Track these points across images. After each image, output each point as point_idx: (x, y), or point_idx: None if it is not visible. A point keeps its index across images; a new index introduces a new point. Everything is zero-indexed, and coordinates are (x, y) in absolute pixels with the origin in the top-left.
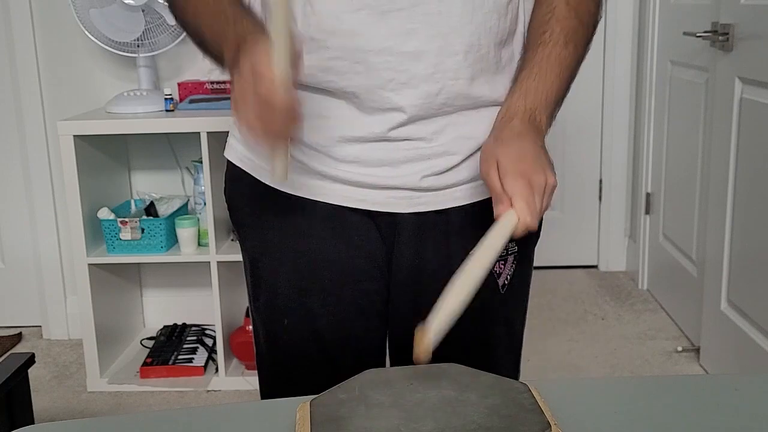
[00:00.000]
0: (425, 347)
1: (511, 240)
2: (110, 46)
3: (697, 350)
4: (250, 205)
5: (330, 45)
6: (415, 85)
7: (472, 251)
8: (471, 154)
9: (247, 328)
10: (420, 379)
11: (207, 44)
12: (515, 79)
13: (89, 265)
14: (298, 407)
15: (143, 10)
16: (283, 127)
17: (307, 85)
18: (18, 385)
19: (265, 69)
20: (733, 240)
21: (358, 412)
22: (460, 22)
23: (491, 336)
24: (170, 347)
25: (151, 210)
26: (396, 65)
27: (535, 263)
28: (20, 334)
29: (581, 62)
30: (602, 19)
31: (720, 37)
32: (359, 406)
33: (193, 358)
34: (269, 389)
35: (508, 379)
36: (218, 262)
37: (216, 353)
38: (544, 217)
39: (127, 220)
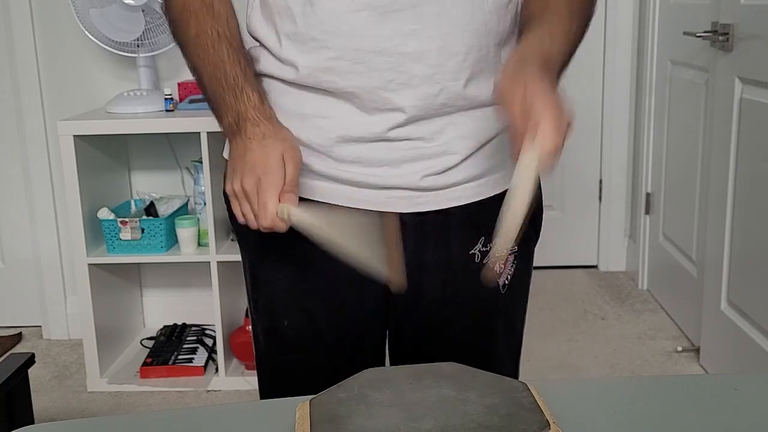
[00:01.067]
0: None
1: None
2: (110, 46)
3: (697, 350)
4: None
5: (330, 45)
6: (415, 85)
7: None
8: (471, 154)
9: (247, 328)
10: (419, 378)
11: (204, 89)
12: (523, 33)
13: (89, 265)
14: (298, 406)
15: (143, 10)
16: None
17: (307, 86)
18: (18, 385)
19: (269, 205)
20: (733, 240)
21: (357, 412)
22: (461, 22)
23: (491, 336)
24: (170, 347)
25: (151, 210)
26: (396, 66)
27: (535, 263)
28: (20, 334)
29: (579, 43)
30: (602, 19)
31: (720, 37)
32: (359, 406)
33: (193, 358)
34: (269, 389)
35: (507, 378)
36: (218, 262)
37: (216, 353)
38: (544, 216)
39: (127, 220)
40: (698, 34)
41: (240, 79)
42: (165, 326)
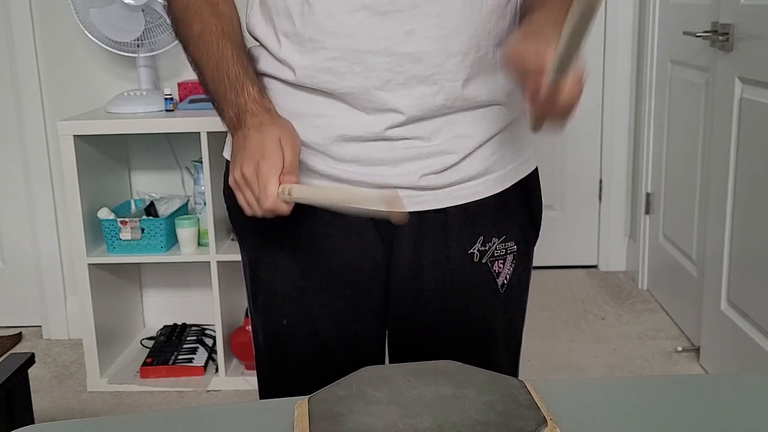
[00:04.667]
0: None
1: (511, 239)
2: (110, 46)
3: (697, 350)
4: None
5: (328, 45)
6: (413, 86)
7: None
8: (469, 153)
9: (247, 328)
10: (417, 376)
11: (206, 86)
12: (523, 22)
13: (89, 265)
14: (296, 404)
15: (143, 10)
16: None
17: (305, 86)
18: (18, 385)
19: (269, 190)
20: (733, 240)
21: (356, 409)
22: (459, 23)
23: (490, 335)
24: (170, 347)
25: (151, 210)
26: (394, 66)
27: (535, 263)
28: (20, 334)
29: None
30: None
31: (720, 37)
32: (357, 403)
33: (193, 358)
34: (268, 389)
35: (504, 375)
36: (218, 262)
37: (216, 353)
38: (543, 216)
39: (127, 220)
40: (698, 34)
41: (241, 76)
42: (165, 326)
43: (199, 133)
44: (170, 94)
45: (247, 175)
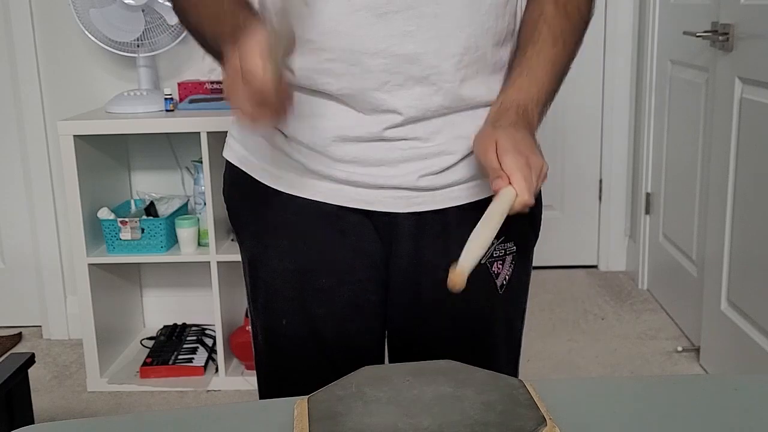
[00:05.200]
0: (459, 282)
1: (510, 240)
2: (110, 46)
3: (697, 350)
4: (248, 205)
5: (326, 47)
6: (411, 86)
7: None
8: (468, 154)
9: (246, 328)
10: (416, 376)
11: (208, 42)
12: (507, 78)
13: (89, 265)
14: (296, 404)
15: (143, 10)
16: (273, 116)
17: (303, 87)
18: (18, 385)
19: (252, 62)
20: (733, 240)
21: (355, 409)
22: (458, 24)
23: (490, 336)
24: (170, 347)
25: (151, 210)
26: (392, 67)
27: (535, 263)
28: (20, 334)
29: (572, 59)
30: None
31: (720, 37)
32: (356, 403)
33: (193, 358)
34: (268, 389)
35: (503, 375)
36: (218, 262)
37: (216, 353)
38: (543, 217)
39: (127, 220)
40: (698, 34)
41: (238, 6)
42: (165, 326)
43: (199, 133)
44: (170, 94)
45: (234, 65)
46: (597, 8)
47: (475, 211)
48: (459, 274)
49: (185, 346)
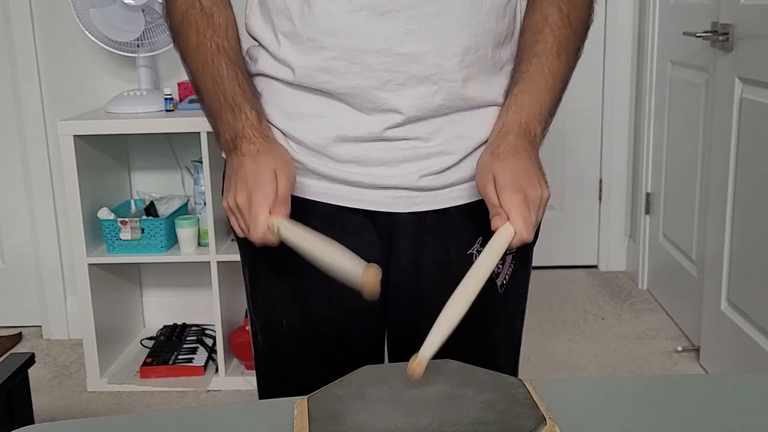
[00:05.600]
0: (418, 370)
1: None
2: (110, 46)
3: (697, 350)
4: None
5: (328, 45)
6: (412, 86)
7: (471, 267)
8: (469, 154)
9: (246, 328)
10: None
11: (202, 102)
12: (509, 92)
13: (89, 265)
14: (296, 404)
15: (143, 10)
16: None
17: (304, 86)
18: (18, 385)
19: (260, 218)
20: (733, 240)
21: (355, 408)
22: (459, 23)
23: (490, 336)
24: (170, 347)
25: (151, 210)
26: (394, 66)
27: (535, 263)
28: (20, 334)
29: (573, 70)
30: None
31: (720, 37)
32: (356, 402)
33: (193, 358)
34: (268, 389)
35: (503, 374)
36: (218, 262)
37: (216, 353)
38: (543, 216)
39: (127, 220)
40: (698, 34)
41: (238, 97)
42: (165, 326)
43: (199, 133)
44: (170, 94)
45: (240, 204)
46: (597, 8)
47: (475, 210)
48: (419, 363)
49: (185, 346)
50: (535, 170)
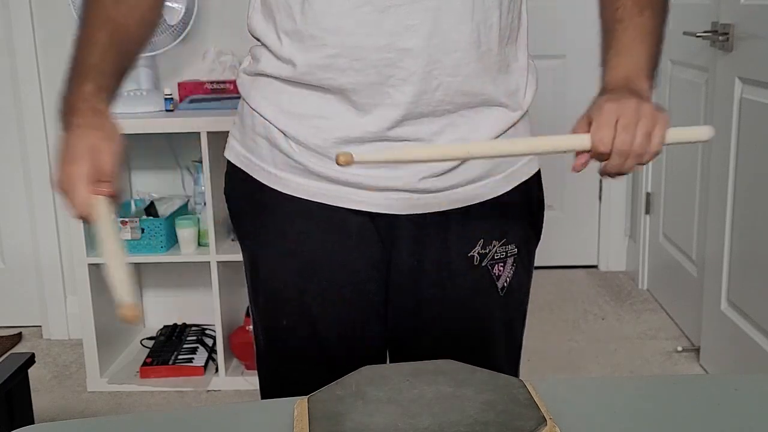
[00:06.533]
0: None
1: (511, 242)
2: None
3: (697, 350)
4: (249, 205)
5: (329, 42)
6: (413, 81)
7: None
8: None
9: (247, 328)
10: (416, 376)
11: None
12: (602, 61)
13: (89, 265)
14: (296, 404)
15: None
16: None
17: (305, 83)
18: (18, 385)
19: (77, 194)
20: (733, 240)
21: (355, 408)
22: (461, 18)
23: (490, 337)
24: (170, 347)
25: (151, 210)
26: (395, 62)
27: (536, 263)
28: (20, 334)
29: (665, 22)
30: None
31: (720, 37)
32: (357, 402)
33: (193, 358)
34: (269, 389)
35: (503, 375)
36: (218, 262)
37: (216, 353)
38: (543, 217)
39: (127, 220)
40: (698, 34)
41: (93, 70)
42: (165, 326)
43: (199, 133)
44: (170, 94)
45: (58, 180)
46: None
47: (476, 213)
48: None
49: (185, 346)
50: (642, 100)
